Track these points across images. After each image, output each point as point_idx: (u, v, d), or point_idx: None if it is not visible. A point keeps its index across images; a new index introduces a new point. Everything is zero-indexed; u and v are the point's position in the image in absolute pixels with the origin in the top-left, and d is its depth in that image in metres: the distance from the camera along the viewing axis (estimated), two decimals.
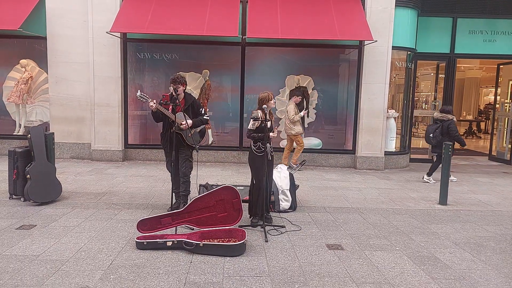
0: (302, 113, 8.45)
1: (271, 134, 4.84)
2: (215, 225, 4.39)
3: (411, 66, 9.34)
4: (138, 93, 5.00)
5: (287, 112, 8.36)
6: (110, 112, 8.72)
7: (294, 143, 8.53)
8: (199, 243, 3.95)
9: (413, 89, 9.91)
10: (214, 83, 9.27)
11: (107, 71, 8.63)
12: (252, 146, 4.90)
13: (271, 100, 4.84)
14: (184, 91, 5.13)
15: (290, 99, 8.72)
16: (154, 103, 4.92)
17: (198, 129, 5.30)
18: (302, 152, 9.10)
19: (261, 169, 4.85)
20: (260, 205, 4.89)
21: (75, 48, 8.67)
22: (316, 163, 9.07)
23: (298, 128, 8.36)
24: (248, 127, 4.90)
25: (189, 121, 5.09)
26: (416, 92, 11.54)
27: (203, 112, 5.27)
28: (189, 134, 5.15)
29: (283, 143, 9.30)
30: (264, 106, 4.79)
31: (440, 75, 10.51)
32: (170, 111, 5.02)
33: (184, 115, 5.09)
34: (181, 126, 5.01)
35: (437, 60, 10.26)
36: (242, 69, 8.97)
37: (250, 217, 4.99)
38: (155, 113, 5.06)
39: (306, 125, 9.40)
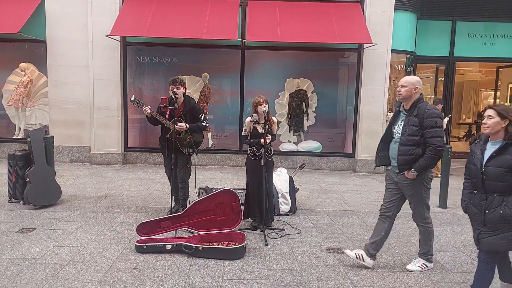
0: (445, 120, 8.35)
1: (262, 140, 4.70)
2: (215, 228, 4.39)
3: (410, 69, 9.35)
4: (132, 98, 4.98)
5: None
6: (109, 115, 8.72)
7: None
8: (199, 247, 3.95)
9: None
10: (214, 87, 9.28)
11: (106, 74, 8.63)
12: (248, 150, 4.91)
13: (259, 105, 4.68)
14: (184, 94, 5.11)
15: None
16: (149, 108, 4.90)
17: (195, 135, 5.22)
18: (301, 156, 9.12)
19: (253, 174, 4.86)
20: (253, 208, 4.88)
21: (74, 52, 8.68)
22: (315, 166, 9.07)
23: None
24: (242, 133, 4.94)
25: (186, 125, 4.98)
26: None
27: (202, 118, 5.16)
28: (185, 142, 5.09)
29: (283, 146, 9.30)
30: (257, 110, 4.76)
31: (439, 78, 10.53)
32: (167, 115, 5.01)
33: (183, 121, 5.02)
34: (177, 126, 4.89)
35: (437, 63, 10.28)
36: (241, 72, 8.97)
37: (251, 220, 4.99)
38: (150, 118, 5.04)
39: (306, 128, 9.41)
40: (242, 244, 4.00)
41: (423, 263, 3.84)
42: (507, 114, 2.82)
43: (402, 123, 3.64)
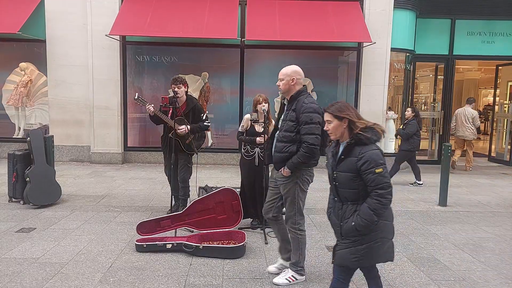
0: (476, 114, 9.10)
1: (258, 139, 4.64)
2: (215, 227, 4.39)
3: (410, 68, 9.35)
4: (136, 96, 4.97)
5: (473, 119, 8.84)
6: (109, 114, 8.72)
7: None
8: (199, 246, 3.95)
9: (412, 90, 9.93)
10: (214, 86, 9.27)
11: (106, 74, 8.63)
12: (242, 150, 4.87)
13: (259, 104, 4.62)
14: (186, 93, 5.09)
15: (467, 105, 9.12)
16: (153, 107, 4.89)
17: (198, 134, 5.22)
18: None
19: (247, 173, 4.81)
20: (248, 207, 4.87)
21: (74, 51, 8.68)
22: None
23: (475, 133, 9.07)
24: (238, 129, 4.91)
25: (188, 126, 4.97)
26: (415, 94, 11.55)
27: (204, 117, 5.14)
28: (187, 141, 5.09)
29: None
30: (257, 109, 4.71)
31: (439, 77, 10.52)
32: (170, 114, 5.01)
33: (185, 121, 5.02)
34: (178, 131, 4.91)
35: (436, 62, 10.27)
36: (241, 71, 8.97)
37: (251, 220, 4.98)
38: (152, 117, 5.03)
39: None
40: (242, 243, 4.01)
41: (292, 276, 3.45)
42: (342, 114, 2.54)
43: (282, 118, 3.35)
